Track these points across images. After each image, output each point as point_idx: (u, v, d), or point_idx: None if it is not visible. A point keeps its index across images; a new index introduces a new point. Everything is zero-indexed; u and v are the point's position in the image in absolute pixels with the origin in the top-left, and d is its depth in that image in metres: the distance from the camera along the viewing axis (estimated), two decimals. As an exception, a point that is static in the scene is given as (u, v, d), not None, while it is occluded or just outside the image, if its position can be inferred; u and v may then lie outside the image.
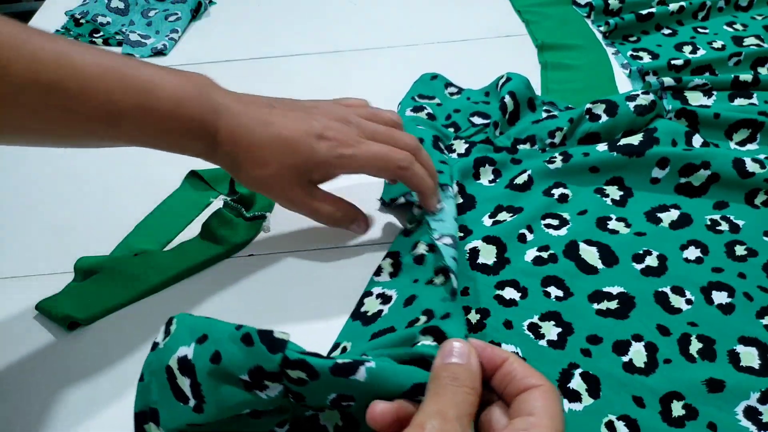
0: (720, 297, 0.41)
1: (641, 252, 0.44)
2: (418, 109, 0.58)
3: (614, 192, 0.49)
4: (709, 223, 0.46)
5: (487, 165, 0.51)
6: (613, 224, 0.47)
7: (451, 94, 0.62)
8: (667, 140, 0.50)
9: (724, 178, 0.48)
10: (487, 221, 0.48)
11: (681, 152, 0.48)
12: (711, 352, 0.38)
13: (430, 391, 0.27)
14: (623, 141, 0.50)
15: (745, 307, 0.40)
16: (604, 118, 0.52)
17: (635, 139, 0.50)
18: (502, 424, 0.27)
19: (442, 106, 0.60)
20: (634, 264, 0.43)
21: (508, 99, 0.56)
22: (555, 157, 0.51)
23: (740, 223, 0.46)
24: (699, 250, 0.44)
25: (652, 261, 0.43)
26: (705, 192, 0.48)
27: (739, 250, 0.44)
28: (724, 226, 0.46)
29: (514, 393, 0.28)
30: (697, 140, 0.51)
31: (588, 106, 0.54)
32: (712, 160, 0.48)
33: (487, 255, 0.45)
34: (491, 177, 0.51)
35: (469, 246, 0.45)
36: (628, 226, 0.46)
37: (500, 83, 0.59)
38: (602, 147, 0.50)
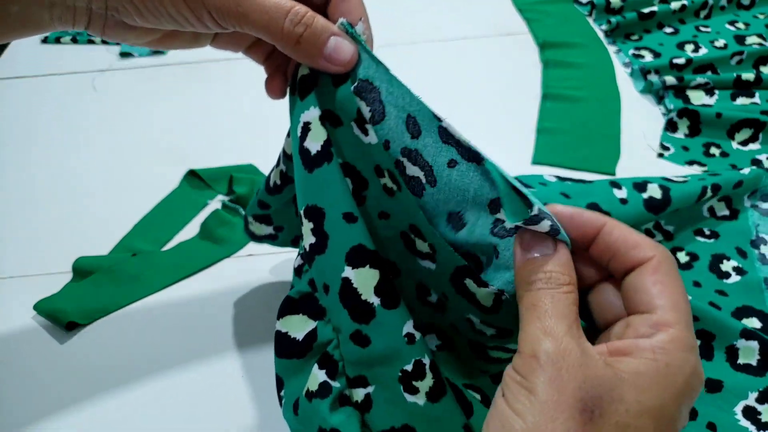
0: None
1: None
2: None
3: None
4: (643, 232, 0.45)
5: None
6: None
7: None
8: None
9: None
10: None
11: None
12: (709, 349, 0.38)
13: (524, 304, 0.23)
14: None
15: (718, 315, 0.39)
16: None
17: None
18: (617, 309, 0.24)
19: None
20: None
21: None
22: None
23: (670, 228, 0.45)
24: None
25: None
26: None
27: (682, 257, 0.44)
28: (658, 237, 0.45)
29: (621, 270, 0.24)
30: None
31: None
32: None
33: None
34: None
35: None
36: None
37: None
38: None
